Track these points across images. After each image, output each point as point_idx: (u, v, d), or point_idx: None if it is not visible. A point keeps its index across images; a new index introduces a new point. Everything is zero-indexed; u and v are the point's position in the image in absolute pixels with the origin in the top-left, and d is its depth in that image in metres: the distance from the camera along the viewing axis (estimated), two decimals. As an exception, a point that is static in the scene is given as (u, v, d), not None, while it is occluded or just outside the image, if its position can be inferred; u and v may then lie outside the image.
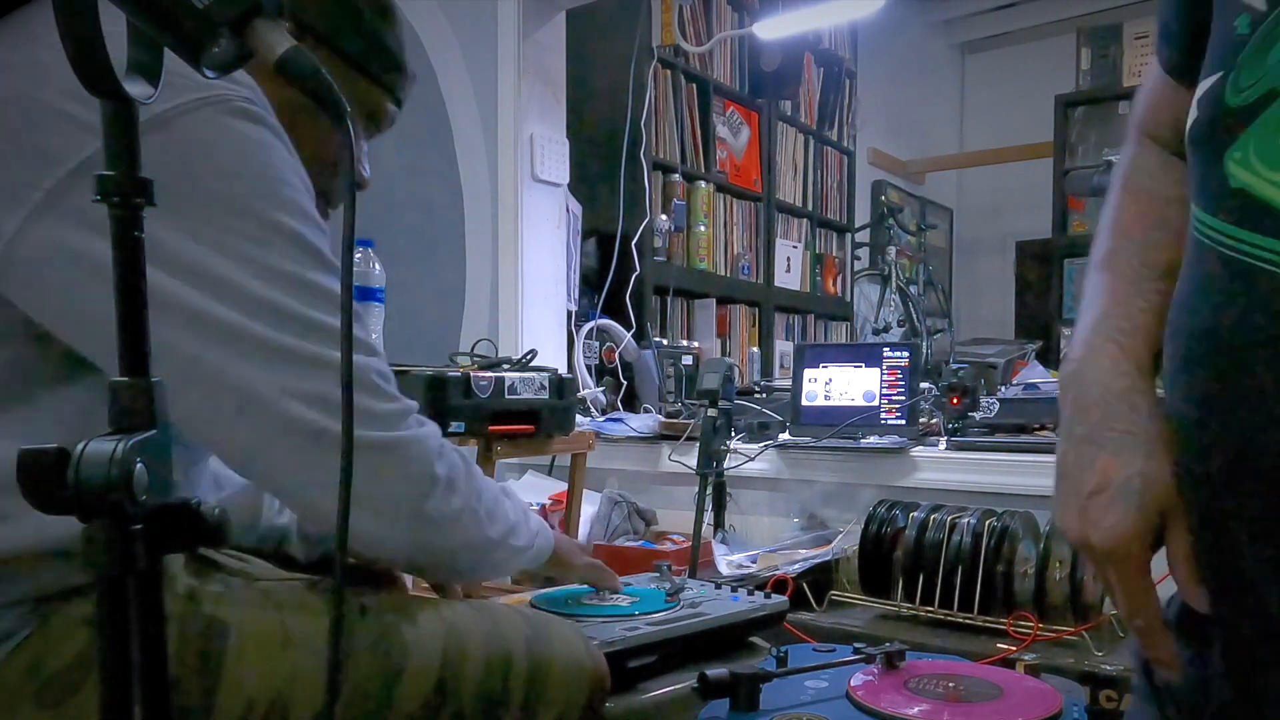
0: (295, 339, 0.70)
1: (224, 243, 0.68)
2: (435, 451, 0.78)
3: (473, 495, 0.81)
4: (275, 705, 0.74)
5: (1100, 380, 0.66)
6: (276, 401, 0.69)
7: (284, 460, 0.70)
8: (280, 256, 0.70)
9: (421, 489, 0.76)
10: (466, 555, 0.83)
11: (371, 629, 0.80)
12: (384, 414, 0.75)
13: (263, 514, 1.02)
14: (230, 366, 0.68)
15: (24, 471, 0.45)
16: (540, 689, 0.87)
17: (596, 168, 3.15)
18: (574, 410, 1.85)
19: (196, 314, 0.67)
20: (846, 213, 4.71)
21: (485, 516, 0.83)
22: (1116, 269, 0.70)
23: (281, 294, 0.70)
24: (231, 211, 0.69)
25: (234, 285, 0.68)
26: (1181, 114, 0.70)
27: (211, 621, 0.74)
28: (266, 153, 0.72)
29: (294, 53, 0.50)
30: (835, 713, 0.91)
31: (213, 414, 0.69)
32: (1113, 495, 0.62)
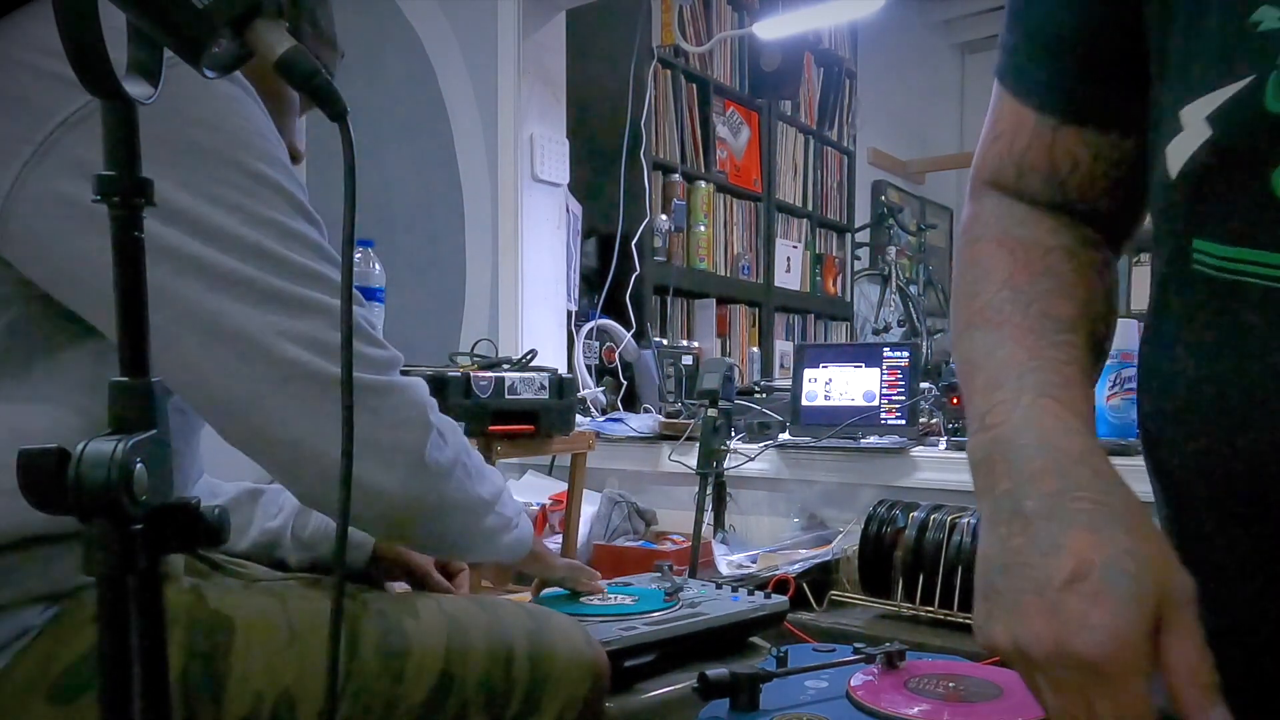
0: (288, 283, 0.70)
1: (213, 192, 0.69)
2: (426, 399, 0.78)
3: (462, 450, 0.82)
4: (283, 699, 0.74)
5: (1046, 442, 0.53)
6: (274, 344, 0.69)
7: (283, 404, 0.70)
8: (266, 206, 0.71)
9: (420, 435, 0.76)
10: (459, 515, 0.82)
11: (375, 623, 0.80)
12: (378, 359, 0.75)
13: (255, 519, 1.03)
14: (226, 311, 0.68)
15: (24, 471, 0.45)
16: (542, 682, 0.87)
17: (596, 168, 3.15)
18: (574, 410, 1.85)
19: (192, 259, 0.67)
20: (846, 213, 4.71)
21: (475, 474, 0.83)
22: (1009, 323, 0.59)
23: (271, 241, 0.70)
24: (218, 162, 0.70)
25: (226, 232, 0.69)
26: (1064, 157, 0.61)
27: (218, 617, 0.75)
28: (243, 107, 0.72)
29: (294, 53, 0.50)
30: (835, 713, 0.91)
31: (210, 361, 0.68)
32: (1099, 583, 0.46)
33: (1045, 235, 0.63)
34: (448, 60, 2.81)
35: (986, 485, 0.55)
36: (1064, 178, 0.63)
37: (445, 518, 0.81)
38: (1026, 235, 0.63)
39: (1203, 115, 0.48)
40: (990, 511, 0.54)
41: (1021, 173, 0.65)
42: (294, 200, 0.73)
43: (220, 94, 0.71)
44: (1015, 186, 0.66)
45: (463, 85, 2.80)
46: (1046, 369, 0.56)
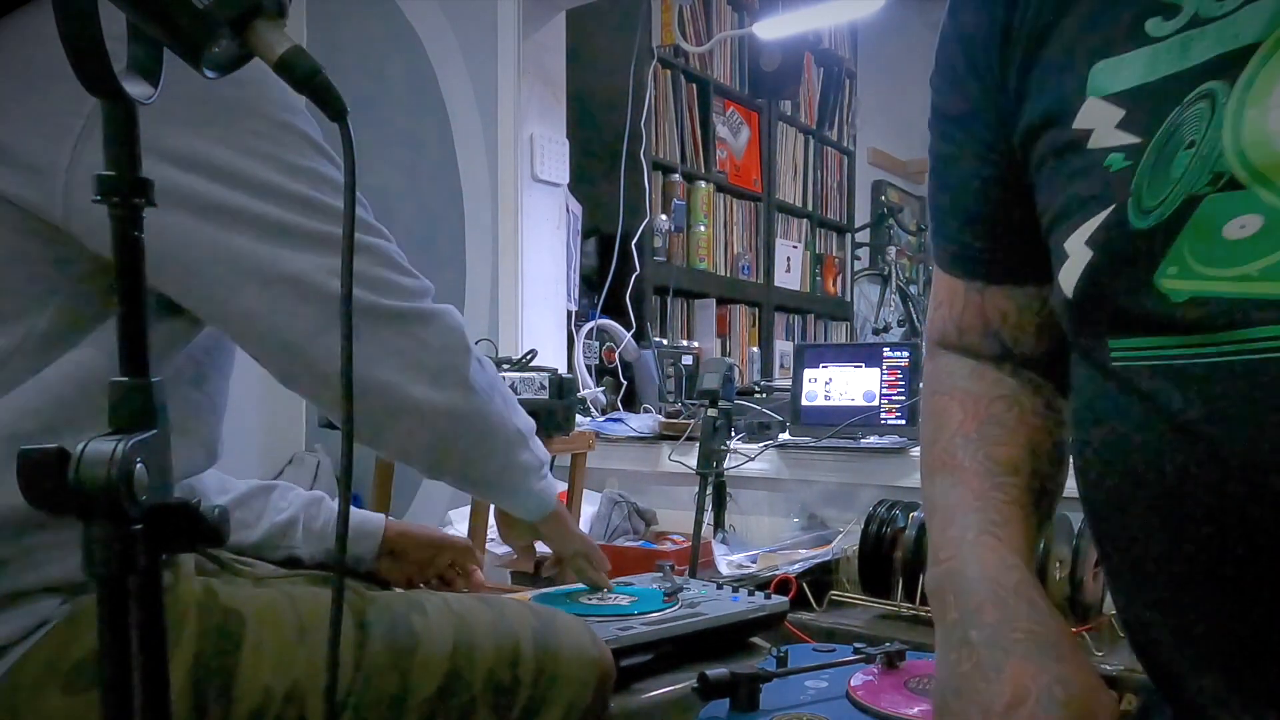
0: (331, 225, 0.74)
1: (247, 143, 0.72)
2: (463, 323, 0.83)
3: (497, 378, 0.86)
4: (292, 694, 0.75)
5: (987, 575, 0.61)
6: (326, 283, 0.72)
7: (334, 335, 0.73)
8: (295, 153, 0.74)
9: (464, 356, 0.81)
10: (501, 439, 0.86)
11: (383, 619, 0.81)
12: (415, 288, 0.80)
13: (267, 512, 1.03)
14: (280, 256, 0.71)
15: (24, 471, 0.45)
16: (548, 680, 0.88)
17: (596, 168, 3.15)
18: (574, 410, 1.85)
19: (240, 212, 0.71)
20: (846, 213, 4.72)
21: (512, 403, 0.88)
22: (960, 468, 0.68)
23: (307, 187, 0.74)
24: (246, 113, 0.72)
25: (266, 181, 0.72)
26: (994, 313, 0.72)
27: (228, 612, 0.75)
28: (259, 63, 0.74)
29: (295, 53, 0.50)
30: (835, 713, 0.91)
31: (271, 305, 0.72)
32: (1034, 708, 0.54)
33: (989, 386, 0.72)
34: (448, 60, 2.81)
35: (940, 613, 0.64)
36: (997, 329, 0.73)
37: (489, 439, 0.85)
38: (972, 388, 0.73)
39: (1081, 241, 0.56)
40: (943, 637, 0.62)
41: (962, 331, 0.75)
42: (318, 145, 0.76)
43: None
44: (959, 344, 0.76)
45: (463, 85, 2.80)
46: (989, 508, 0.65)
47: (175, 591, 0.74)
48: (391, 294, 0.76)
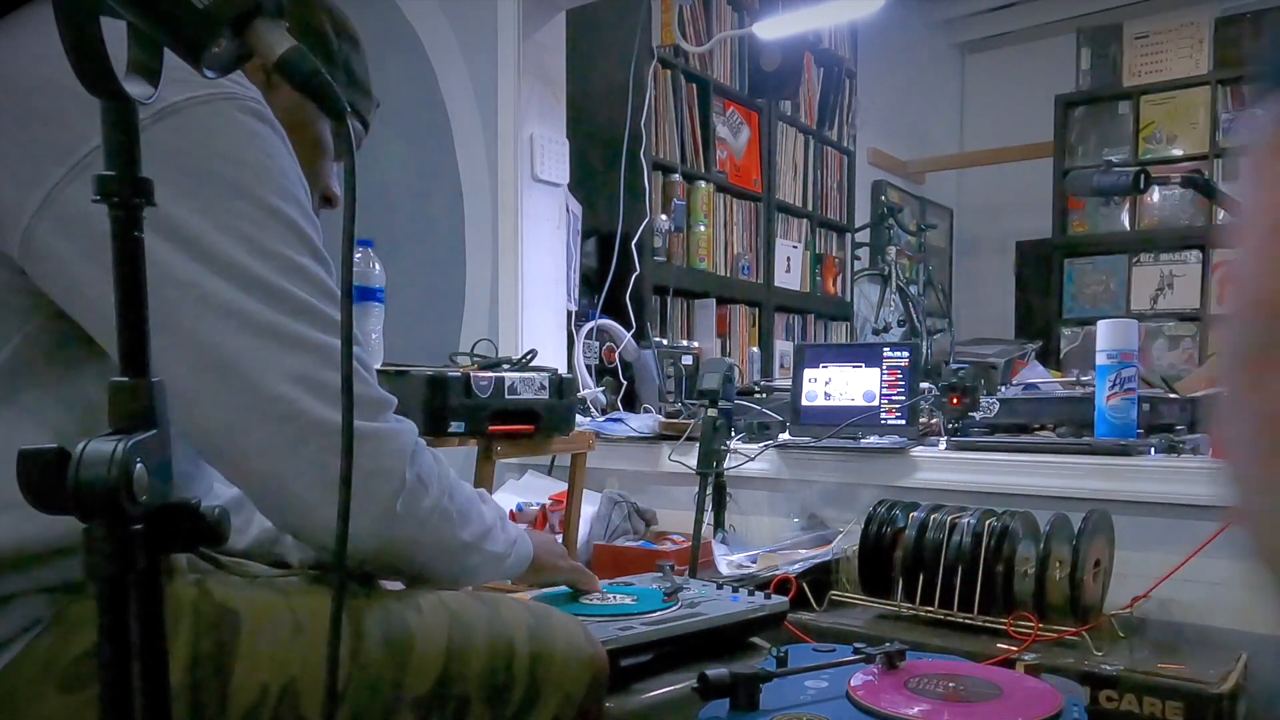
0: (286, 317, 0.71)
1: (225, 221, 0.70)
2: (409, 447, 0.78)
3: (444, 495, 0.81)
4: (288, 691, 0.75)
5: None
6: (262, 377, 0.69)
7: (262, 440, 0.70)
8: (276, 240, 0.72)
9: (394, 484, 0.75)
10: (438, 557, 0.83)
11: (378, 616, 0.81)
12: (368, 401, 0.75)
13: (256, 518, 1.03)
14: (221, 342, 0.69)
15: (24, 471, 0.45)
16: (542, 677, 0.88)
17: (596, 168, 3.15)
18: (574, 410, 1.85)
19: (194, 286, 0.68)
20: (846, 213, 4.71)
21: (458, 518, 0.83)
22: None
23: (275, 274, 0.71)
24: (234, 193, 0.70)
25: (231, 261, 0.69)
26: None
27: (224, 610, 0.75)
28: (270, 146, 0.74)
29: (294, 53, 0.50)
30: (835, 713, 0.91)
31: (198, 389, 0.69)
32: None
33: None
34: (448, 60, 2.81)
35: None
36: None
37: (419, 562, 0.82)
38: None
39: None
40: None
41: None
42: (304, 237, 0.73)
43: (247, 130, 0.72)
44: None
45: (463, 85, 2.80)
46: None
47: (170, 590, 0.74)
48: (330, 404, 0.71)
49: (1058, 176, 4.97)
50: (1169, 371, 4.08)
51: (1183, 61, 4.72)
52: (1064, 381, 2.16)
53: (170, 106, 0.68)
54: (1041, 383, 2.16)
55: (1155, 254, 4.77)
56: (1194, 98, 4.66)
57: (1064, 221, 5.02)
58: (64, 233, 0.68)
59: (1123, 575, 1.59)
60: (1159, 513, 1.66)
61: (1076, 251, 5.00)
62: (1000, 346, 3.77)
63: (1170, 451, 1.73)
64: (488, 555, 0.89)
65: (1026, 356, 3.51)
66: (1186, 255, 4.69)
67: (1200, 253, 4.65)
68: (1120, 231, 4.89)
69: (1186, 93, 4.68)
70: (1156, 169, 4.40)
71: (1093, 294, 4.96)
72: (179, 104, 0.69)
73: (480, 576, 0.91)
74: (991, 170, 5.81)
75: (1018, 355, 3.55)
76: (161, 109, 0.68)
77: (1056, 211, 5.02)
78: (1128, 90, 4.84)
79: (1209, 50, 4.66)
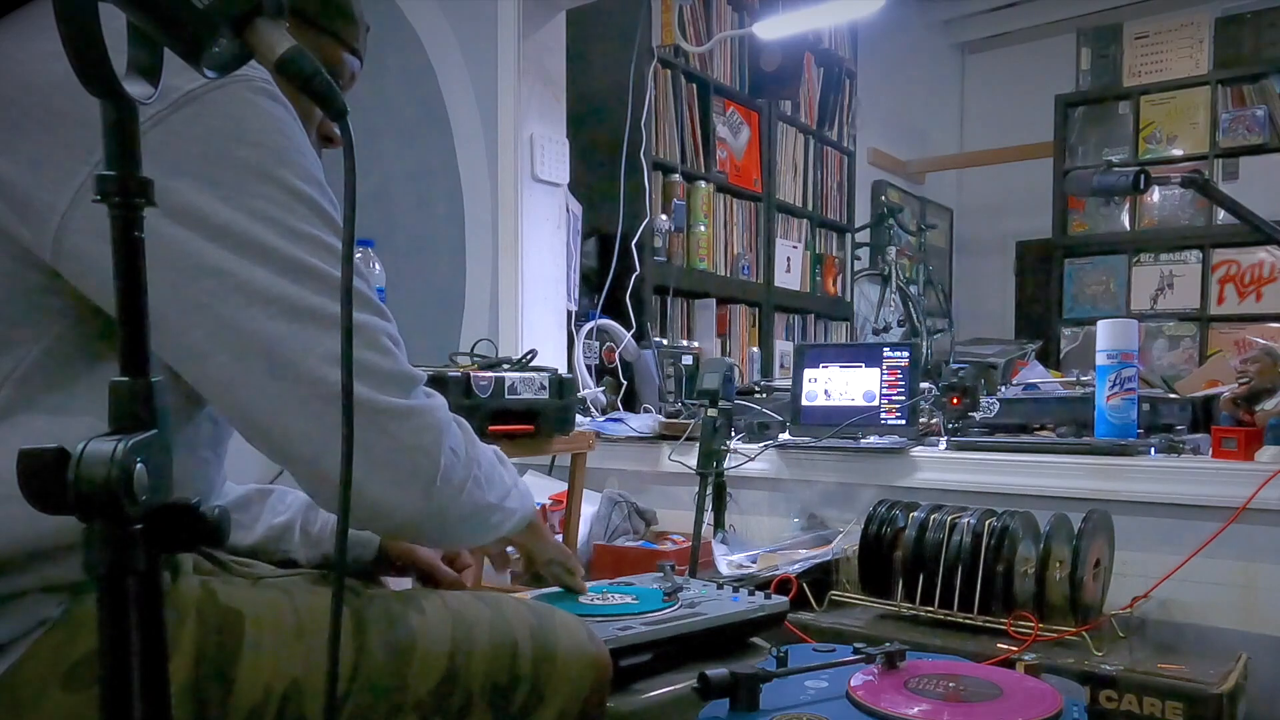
0: (323, 297, 0.71)
1: (252, 206, 0.70)
2: (446, 422, 0.79)
3: (474, 463, 0.82)
4: (291, 692, 0.75)
5: None
6: (303, 361, 0.69)
7: (306, 422, 0.70)
8: (302, 220, 0.72)
9: (434, 457, 0.76)
10: (469, 521, 0.84)
11: (381, 617, 0.81)
12: (400, 378, 0.75)
13: (263, 515, 1.03)
14: (260, 325, 0.69)
15: (24, 471, 0.45)
16: (545, 676, 0.88)
17: (596, 168, 3.15)
18: (574, 410, 1.85)
19: (231, 276, 0.68)
20: (846, 213, 4.71)
21: (485, 482, 0.84)
22: None
23: (307, 255, 0.71)
24: (258, 177, 0.70)
25: (264, 245, 0.69)
26: None
27: (228, 611, 0.76)
28: (286, 126, 0.74)
29: (294, 52, 0.50)
30: (835, 713, 0.91)
31: (241, 376, 0.69)
32: None
33: None
34: (448, 60, 2.81)
35: None
36: None
37: (454, 528, 0.82)
38: None
39: None
40: None
41: None
42: (327, 216, 0.74)
43: (264, 112, 0.72)
44: None
45: (463, 85, 2.80)
46: None
47: (175, 591, 0.74)
48: (370, 381, 0.72)
49: (1058, 176, 4.98)
50: (1169, 371, 4.08)
51: (1183, 61, 4.72)
52: (1064, 381, 2.16)
53: (186, 95, 0.68)
54: (1041, 383, 2.16)
55: (1155, 254, 4.77)
56: (1194, 98, 4.66)
57: (1064, 221, 5.03)
58: (95, 231, 0.67)
59: (1123, 575, 1.59)
60: (1159, 513, 1.66)
61: (1076, 251, 5.00)
62: (1000, 346, 3.77)
63: (1170, 451, 1.73)
64: (508, 512, 0.90)
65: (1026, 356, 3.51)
66: (1186, 255, 4.69)
67: (1200, 253, 4.65)
68: (1120, 231, 4.89)
69: (1186, 93, 4.68)
70: (1156, 169, 4.40)
71: (1093, 294, 4.96)
72: (195, 91, 0.68)
73: (497, 533, 0.92)
74: (991, 170, 5.82)
75: (1018, 355, 3.55)
76: (178, 98, 0.68)
77: (1056, 211, 5.02)
78: (1128, 90, 4.84)
79: (1209, 50, 4.66)
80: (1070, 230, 5.03)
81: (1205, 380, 2.25)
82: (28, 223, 0.69)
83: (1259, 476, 1.56)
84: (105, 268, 0.68)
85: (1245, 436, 1.66)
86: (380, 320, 0.76)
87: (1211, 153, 4.59)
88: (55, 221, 0.68)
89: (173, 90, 0.68)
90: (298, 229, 0.71)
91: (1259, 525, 1.57)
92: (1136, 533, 1.65)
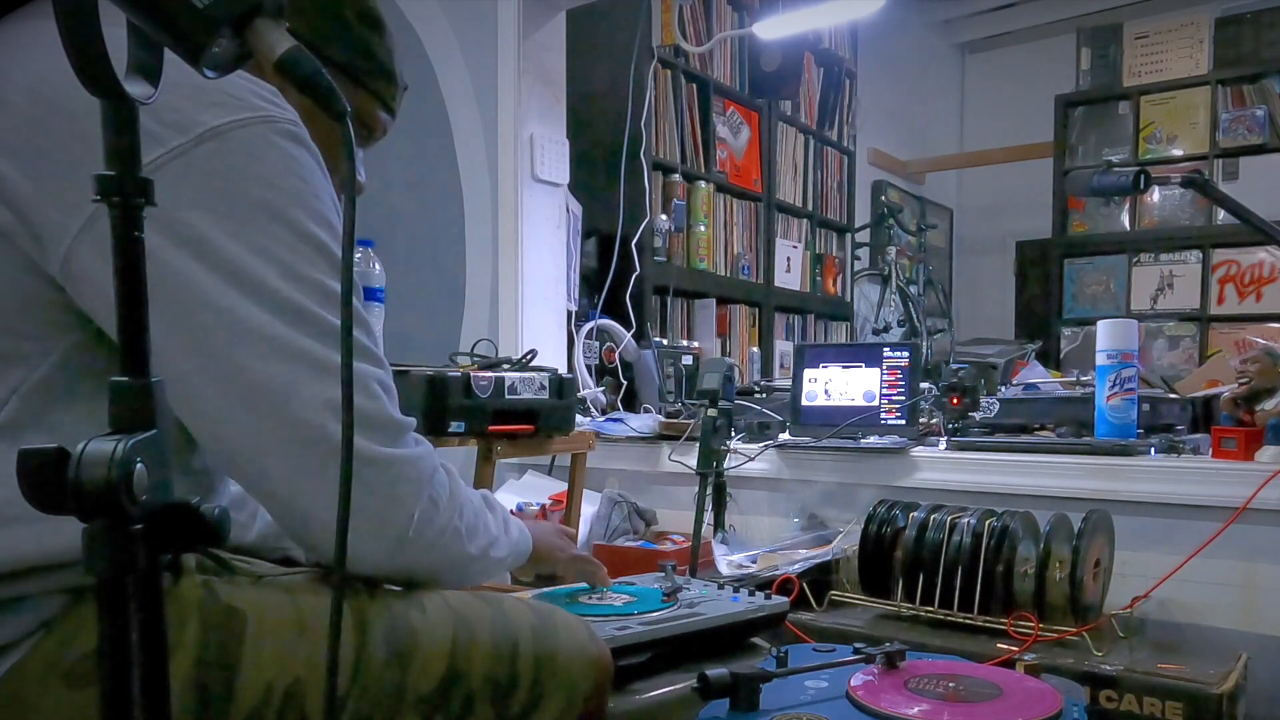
0: (314, 342, 0.71)
1: (259, 244, 0.70)
2: (428, 473, 0.79)
3: (454, 513, 0.82)
4: (293, 690, 0.75)
5: None
6: (290, 402, 0.70)
7: (286, 464, 0.71)
8: (308, 264, 0.72)
9: (408, 511, 0.76)
10: (445, 571, 0.85)
11: (382, 616, 0.81)
12: (387, 425, 0.76)
13: (260, 512, 1.03)
14: (252, 364, 0.69)
15: (24, 472, 0.45)
16: (547, 676, 0.88)
17: (596, 168, 3.15)
18: (574, 410, 1.85)
19: (226, 311, 0.69)
20: (846, 213, 4.72)
21: (466, 533, 0.84)
22: None
23: (305, 298, 0.72)
24: (270, 217, 0.71)
25: (265, 285, 0.70)
26: None
27: (230, 609, 0.76)
28: (306, 170, 0.75)
29: (295, 53, 0.50)
30: (835, 713, 0.91)
31: (225, 411, 0.70)
32: None
33: None
34: (448, 60, 2.81)
35: None
36: None
37: (428, 577, 0.84)
38: None
39: None
40: None
41: None
42: (334, 261, 0.74)
43: (285, 154, 0.73)
44: None
45: (463, 85, 2.79)
46: None
47: (177, 590, 0.75)
48: (358, 431, 0.72)
49: (1058, 176, 4.98)
50: (1169, 371, 4.08)
51: (1183, 61, 4.72)
52: (1064, 381, 2.16)
53: (211, 130, 0.69)
54: (1041, 383, 2.16)
55: (1155, 254, 4.77)
56: (1194, 98, 4.66)
57: (1064, 221, 5.03)
58: (104, 255, 0.68)
59: (1123, 575, 1.59)
60: (1159, 513, 1.66)
61: (1076, 251, 5.00)
62: (1000, 346, 3.77)
63: (1170, 451, 1.73)
64: (492, 562, 0.90)
65: (1026, 356, 3.51)
66: (1186, 255, 4.69)
67: (1200, 253, 4.65)
68: (1120, 231, 4.89)
69: (1186, 93, 4.68)
70: (1156, 169, 4.40)
71: (1093, 294, 4.96)
72: (220, 128, 0.70)
73: (483, 579, 0.93)
74: (991, 170, 5.81)
75: (1018, 355, 3.54)
76: (202, 132, 0.69)
77: (1056, 211, 5.02)
78: (1128, 90, 4.84)
79: (1209, 50, 4.66)
80: (1070, 230, 5.03)
81: (1205, 380, 2.25)
82: (39, 240, 0.69)
83: (1259, 476, 1.56)
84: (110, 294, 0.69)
85: (1245, 437, 1.66)
86: (372, 366, 0.76)
87: (1211, 153, 4.59)
88: (66, 243, 0.69)
89: (197, 125, 0.69)
90: (301, 272, 0.72)
91: (1259, 525, 1.57)
92: (1136, 533, 1.65)
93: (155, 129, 0.67)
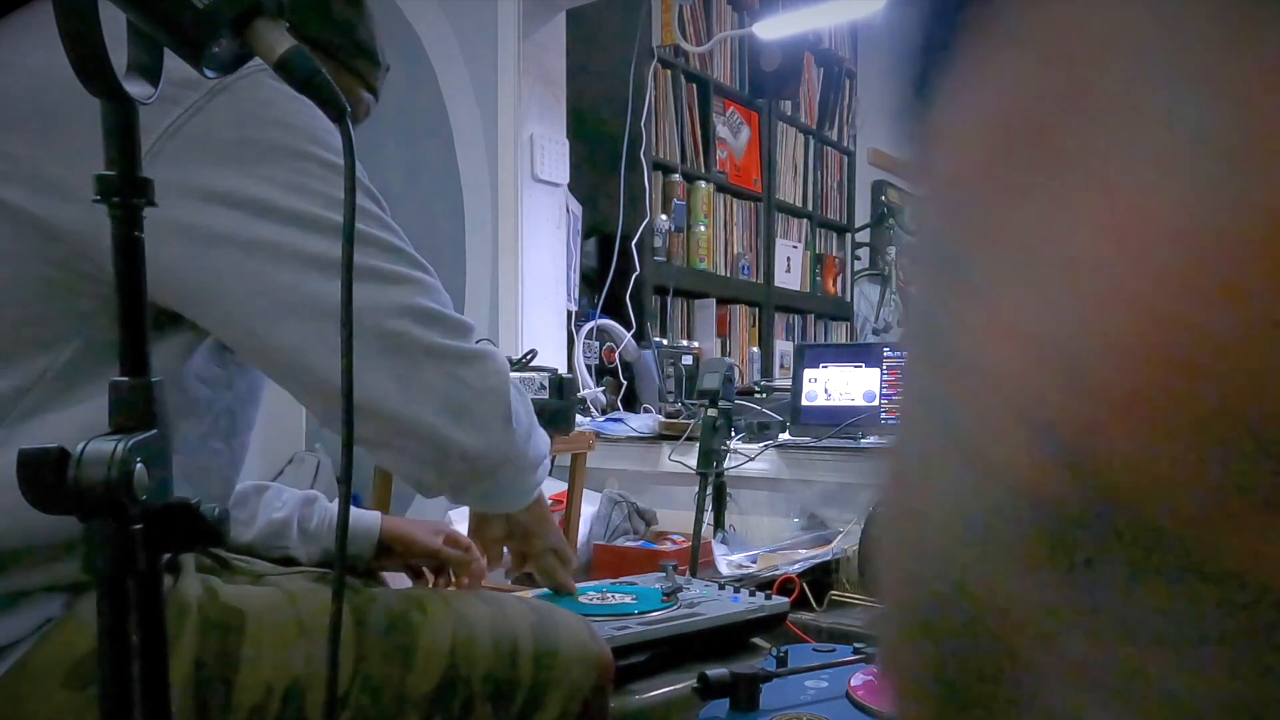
0: (375, 259, 0.73)
1: (295, 182, 0.72)
2: (506, 366, 0.82)
3: (530, 413, 0.85)
4: (292, 690, 0.76)
5: None
6: (369, 317, 0.72)
7: (381, 377, 0.72)
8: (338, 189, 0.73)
9: (506, 400, 0.79)
10: (528, 471, 0.86)
11: (382, 616, 0.81)
12: (461, 325, 0.79)
13: (260, 511, 1.03)
14: (324, 290, 0.71)
15: (24, 471, 0.45)
16: (547, 676, 0.88)
17: (596, 168, 3.15)
18: (574, 410, 1.85)
19: (284, 246, 0.71)
20: (846, 213, 4.72)
21: (540, 433, 0.87)
22: None
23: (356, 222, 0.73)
24: (295, 155, 0.73)
25: (312, 216, 0.72)
26: None
27: (229, 610, 0.76)
28: (309, 107, 0.75)
29: (295, 52, 0.50)
30: (835, 713, 0.91)
31: (311, 340, 0.71)
32: None
33: None
34: (448, 60, 2.81)
35: None
36: None
37: (518, 477, 0.85)
38: None
39: None
40: None
41: None
42: (364, 186, 0.76)
43: (290, 95, 0.73)
44: None
45: (463, 85, 2.80)
46: None
47: (177, 590, 0.75)
48: (436, 329, 0.76)
49: (1058, 176, 4.98)
50: (1169, 371, 4.07)
51: (1183, 61, 4.72)
52: (1064, 381, 2.16)
53: (218, 85, 0.70)
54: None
55: (1155, 254, 4.77)
56: (1194, 98, 4.66)
57: (1064, 221, 5.03)
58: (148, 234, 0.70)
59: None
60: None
61: (1076, 251, 5.01)
62: (1000, 346, 3.77)
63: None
64: (544, 473, 0.93)
65: (1026, 356, 3.51)
66: (1186, 255, 4.69)
67: (1200, 253, 4.65)
68: (1120, 231, 4.89)
69: (1186, 93, 4.68)
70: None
71: (1093, 294, 4.96)
72: (226, 81, 0.70)
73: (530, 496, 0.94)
74: (991, 170, 5.81)
75: (1018, 355, 3.54)
76: (212, 87, 0.70)
77: (1056, 211, 5.03)
78: (1128, 90, 4.84)
79: (1209, 50, 4.66)
80: (1070, 230, 5.03)
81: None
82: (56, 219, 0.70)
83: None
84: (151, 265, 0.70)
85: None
86: (430, 277, 0.79)
87: (1211, 153, 4.59)
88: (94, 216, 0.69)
89: (203, 81, 0.70)
90: (338, 198, 0.73)
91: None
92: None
93: (167, 89, 0.67)
